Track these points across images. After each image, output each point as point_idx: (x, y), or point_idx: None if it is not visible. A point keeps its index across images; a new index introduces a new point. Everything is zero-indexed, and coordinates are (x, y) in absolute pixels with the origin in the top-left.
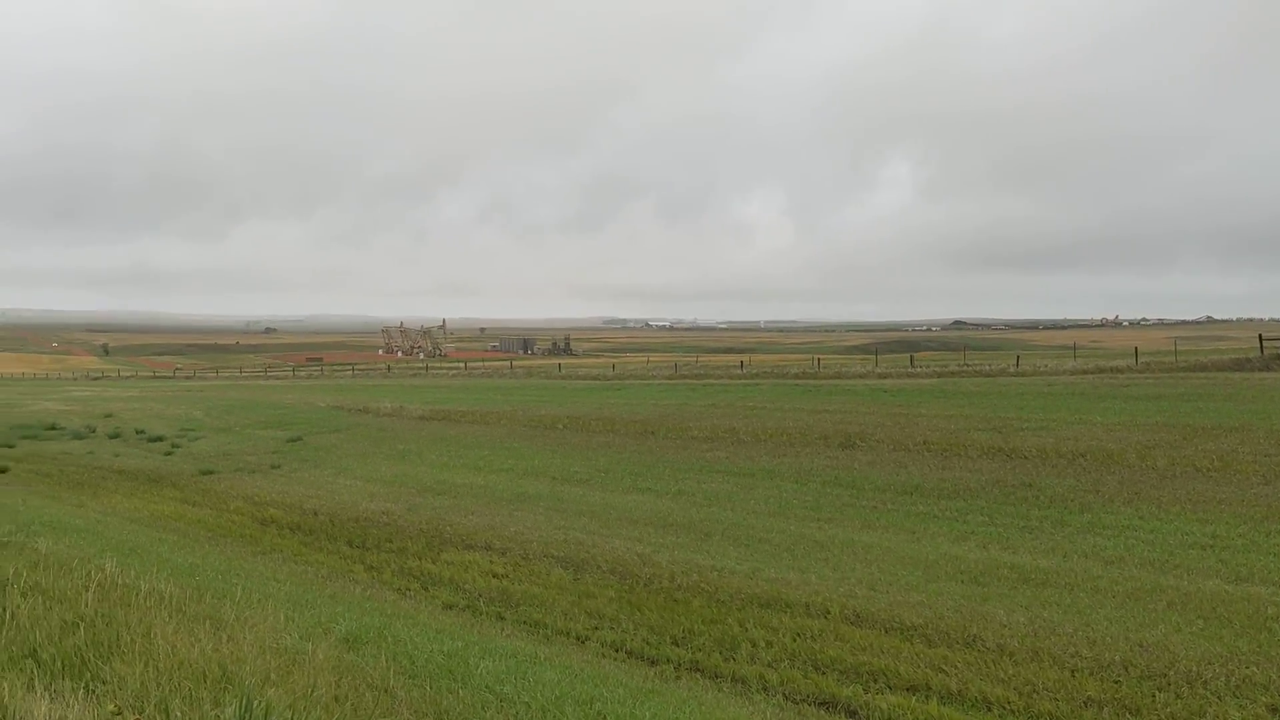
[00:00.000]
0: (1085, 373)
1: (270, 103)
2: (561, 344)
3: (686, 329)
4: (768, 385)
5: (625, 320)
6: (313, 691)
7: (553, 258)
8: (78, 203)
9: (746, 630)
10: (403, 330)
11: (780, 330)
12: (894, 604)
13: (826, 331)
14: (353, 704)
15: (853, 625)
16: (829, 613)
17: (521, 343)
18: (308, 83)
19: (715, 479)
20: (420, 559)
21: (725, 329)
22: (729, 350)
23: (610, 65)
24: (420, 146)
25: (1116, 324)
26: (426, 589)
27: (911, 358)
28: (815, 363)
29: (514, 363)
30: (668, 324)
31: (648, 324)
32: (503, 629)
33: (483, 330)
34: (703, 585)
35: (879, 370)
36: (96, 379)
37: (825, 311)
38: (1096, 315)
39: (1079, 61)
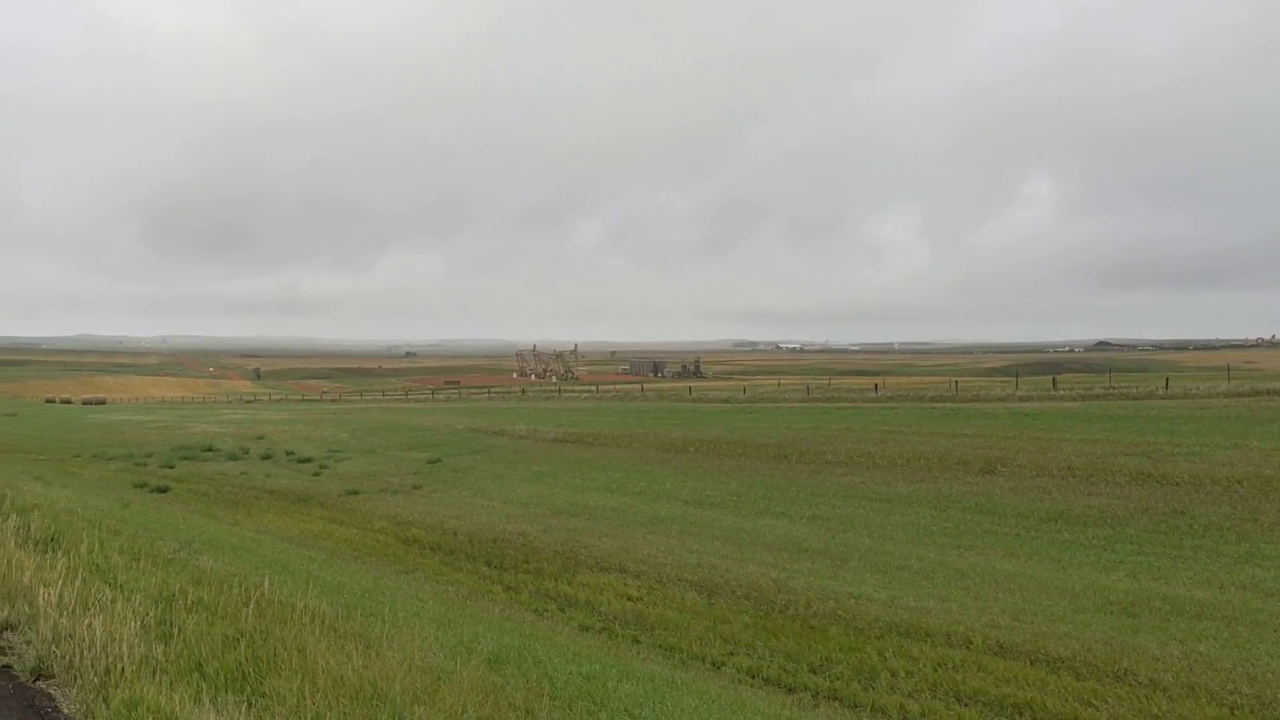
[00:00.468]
0: (1240, 395)
1: (417, 140)
2: (691, 367)
3: (818, 351)
4: (903, 409)
5: (755, 342)
6: (461, 712)
7: (683, 281)
8: (235, 235)
9: (885, 659)
10: (536, 354)
11: (915, 352)
12: (1039, 635)
13: (964, 353)
14: None
15: (996, 656)
16: (971, 643)
17: (652, 365)
18: (450, 120)
19: (851, 504)
20: (556, 580)
21: (858, 351)
22: (862, 373)
23: (742, 90)
24: (555, 176)
25: (1273, 344)
26: (563, 610)
27: (1054, 380)
28: (953, 385)
29: (644, 385)
30: (798, 346)
31: (778, 346)
32: (638, 652)
33: (613, 353)
34: (840, 612)
35: (1019, 393)
36: (249, 402)
37: (962, 332)
38: (1251, 335)
39: (1228, 77)
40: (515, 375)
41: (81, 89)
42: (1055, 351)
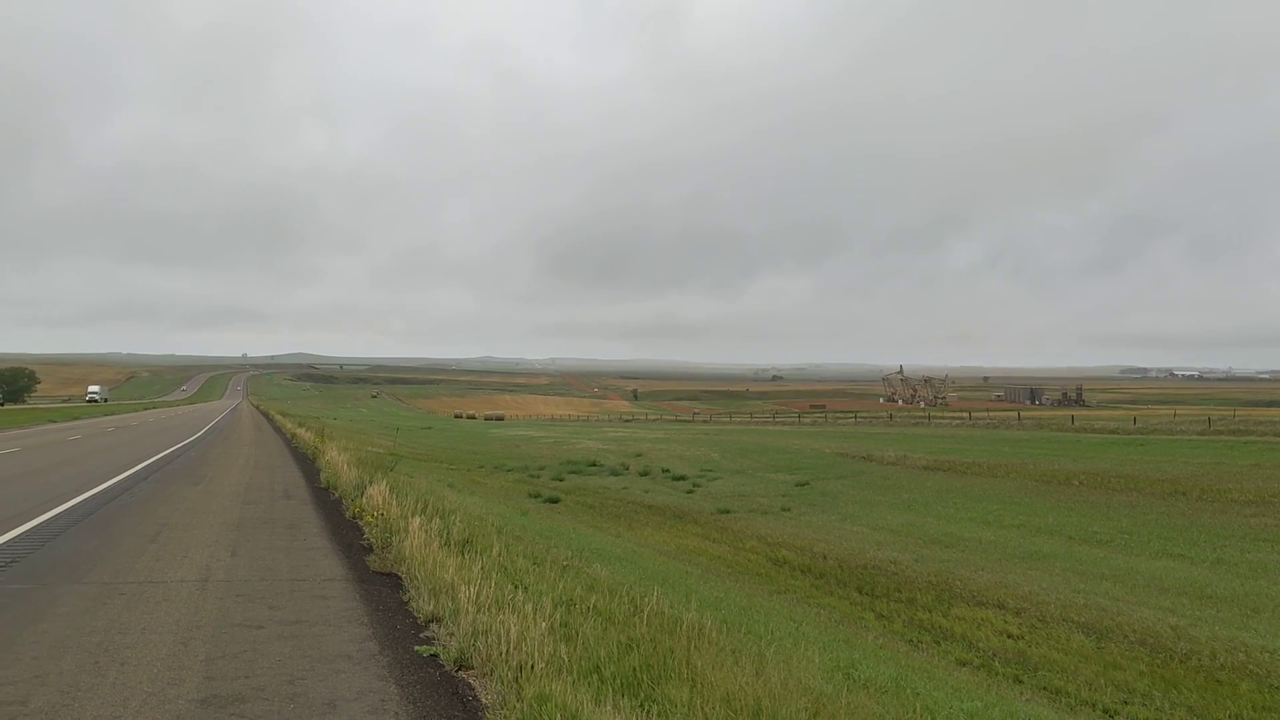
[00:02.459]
0: None
1: (791, 166)
2: (1073, 395)
3: (1219, 379)
4: None
5: (1146, 369)
6: None
7: (1065, 303)
8: (619, 266)
9: None
10: (904, 379)
11: None
12: None
13: None
14: None
15: None
16: None
17: (1029, 393)
18: (823, 144)
19: (1262, 549)
20: (930, 612)
21: (1268, 379)
22: (1274, 403)
23: (1136, 98)
24: (929, 196)
25: None
26: (938, 643)
27: None
28: None
29: (1021, 413)
30: (1196, 373)
31: (1172, 373)
32: (1020, 693)
33: (986, 379)
34: (1251, 667)
35: None
36: (628, 421)
37: None
38: None
39: None
40: (882, 400)
41: (493, 135)
42: None
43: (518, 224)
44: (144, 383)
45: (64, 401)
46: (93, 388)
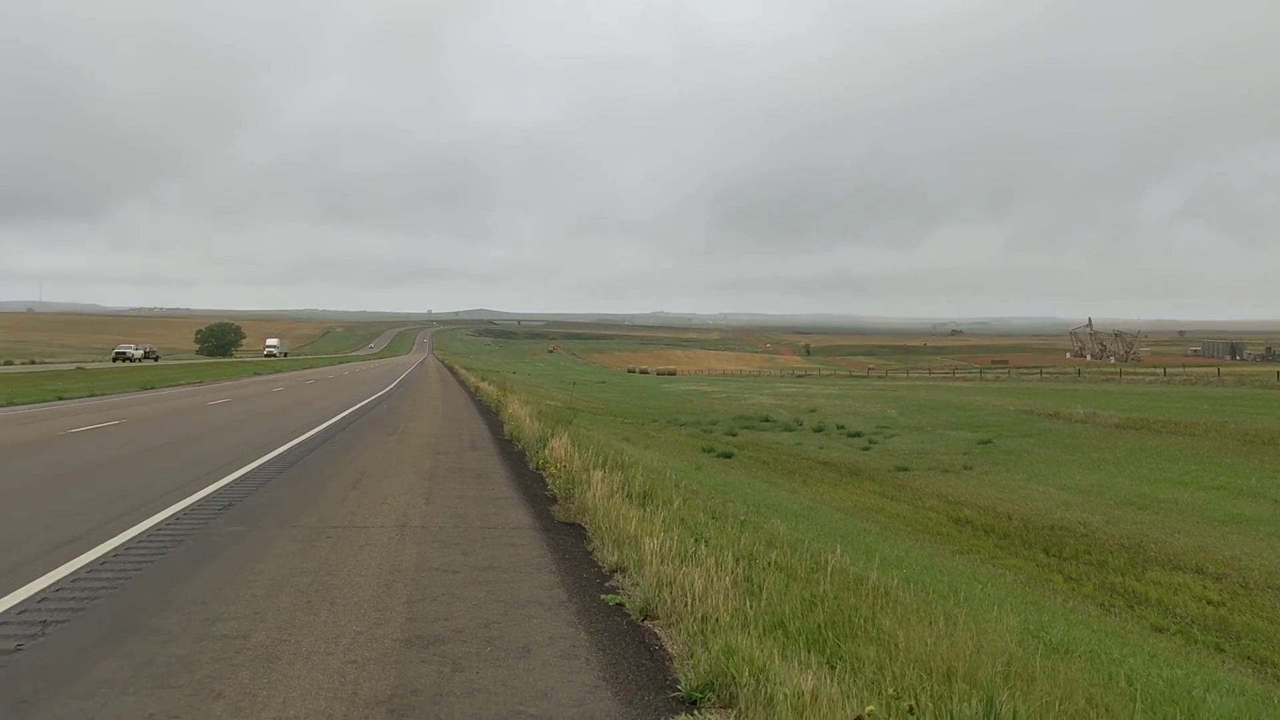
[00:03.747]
0: None
1: (967, 106)
2: (1279, 349)
3: None
4: None
5: None
6: (1049, 706)
7: (1272, 253)
8: (794, 218)
9: None
10: (1093, 333)
11: None
12: None
13: None
14: None
15: None
16: None
17: (1229, 347)
18: (1006, 82)
19: None
20: (1123, 575)
21: None
22: None
23: None
24: (1125, 142)
25: None
26: (1131, 608)
27: None
28: None
29: (1221, 369)
30: None
31: None
32: (1222, 662)
33: (1182, 333)
34: None
35: None
36: (800, 377)
37: None
38: None
39: None
40: (1069, 355)
41: (669, 90)
42: None
43: (694, 183)
44: (338, 338)
45: (267, 355)
46: (271, 341)
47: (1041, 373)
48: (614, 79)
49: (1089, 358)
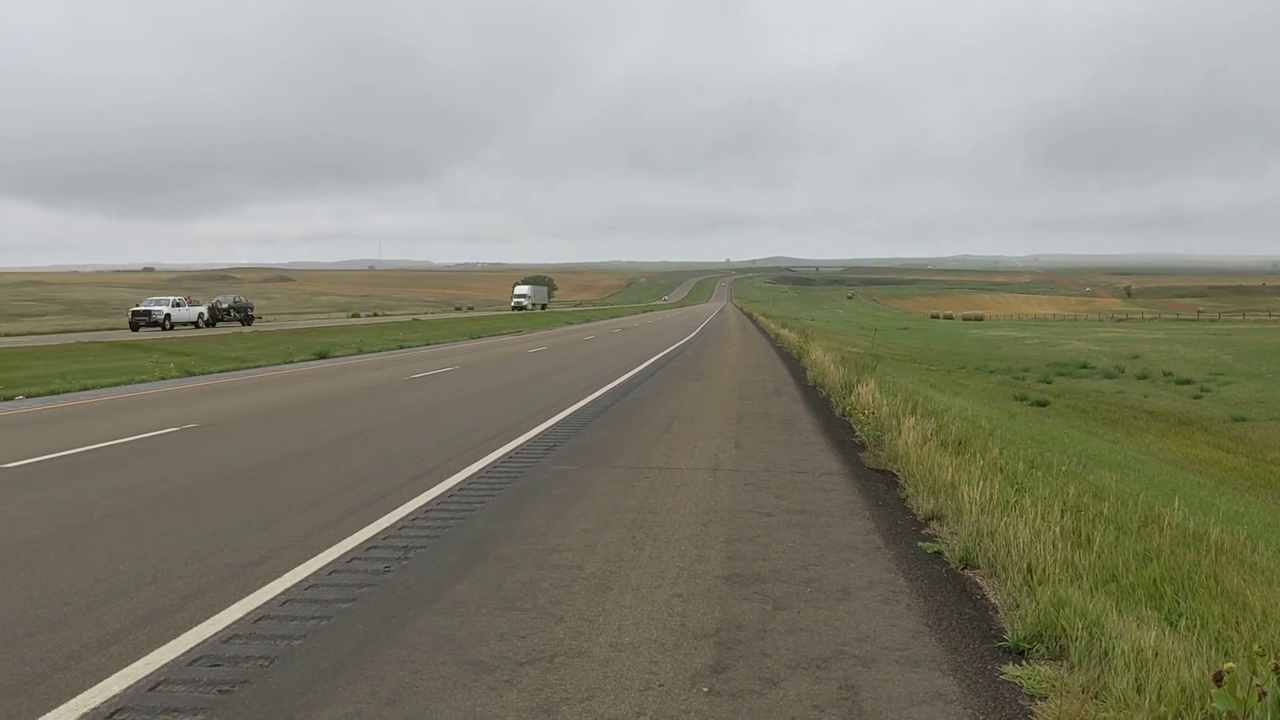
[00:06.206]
0: None
1: None
2: None
3: None
4: None
5: None
6: None
7: None
8: (1116, 150)
9: None
10: None
11: None
12: None
13: None
14: None
15: None
16: None
17: None
18: None
19: None
20: None
21: None
22: None
23: None
24: None
25: None
26: None
27: None
28: None
29: None
30: None
31: None
32: None
33: None
34: None
35: None
36: (1120, 321)
37: None
38: None
39: None
40: None
41: (985, 17)
42: None
43: (1006, 116)
44: (640, 288)
45: (576, 306)
46: (520, 289)
47: None
48: (926, 8)
49: None
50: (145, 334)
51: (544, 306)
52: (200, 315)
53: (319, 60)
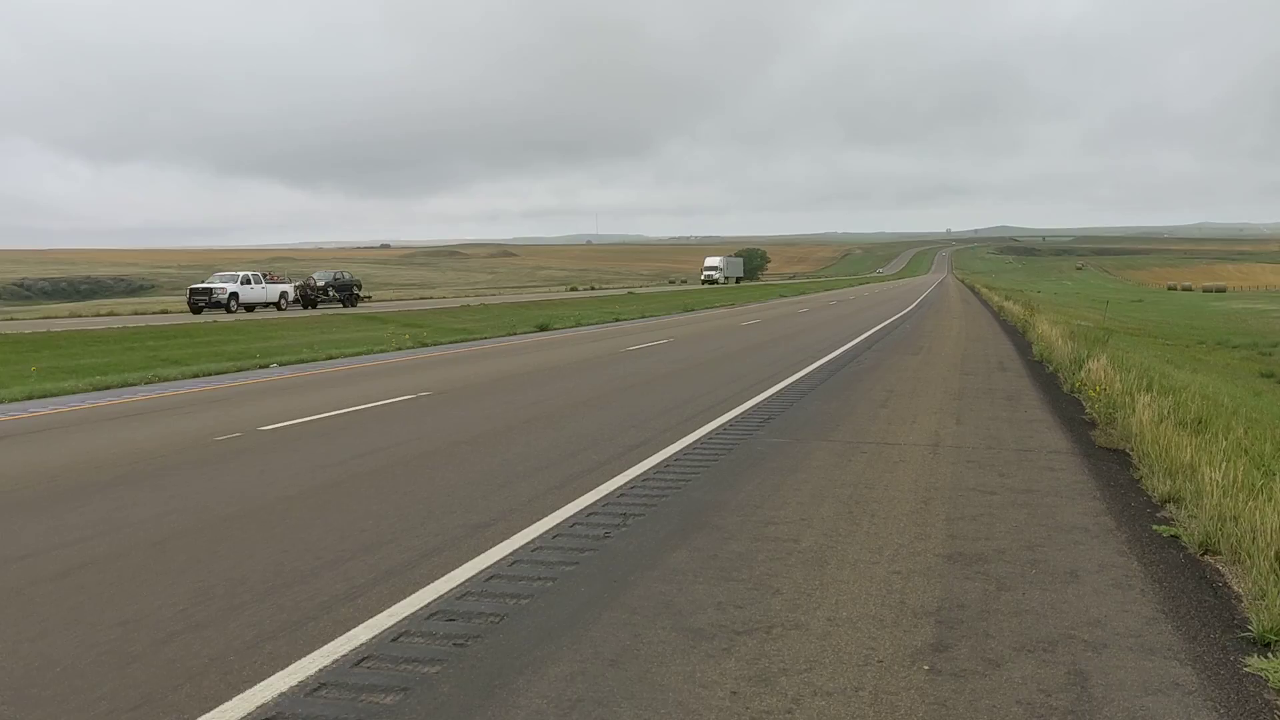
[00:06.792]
0: None
1: None
2: None
3: None
4: None
5: None
6: None
7: None
8: None
9: None
10: None
11: None
12: None
13: None
14: None
15: None
16: None
17: None
18: None
19: None
20: None
21: None
22: None
23: None
24: None
25: None
26: None
27: None
28: None
29: None
30: None
31: None
32: None
33: None
34: None
35: None
36: None
37: None
38: None
39: None
40: None
41: None
42: None
43: (1251, 70)
44: (856, 260)
45: (789, 278)
46: (710, 261)
47: None
48: None
49: None
50: (364, 308)
51: (739, 280)
52: (283, 295)
53: (541, 42)
